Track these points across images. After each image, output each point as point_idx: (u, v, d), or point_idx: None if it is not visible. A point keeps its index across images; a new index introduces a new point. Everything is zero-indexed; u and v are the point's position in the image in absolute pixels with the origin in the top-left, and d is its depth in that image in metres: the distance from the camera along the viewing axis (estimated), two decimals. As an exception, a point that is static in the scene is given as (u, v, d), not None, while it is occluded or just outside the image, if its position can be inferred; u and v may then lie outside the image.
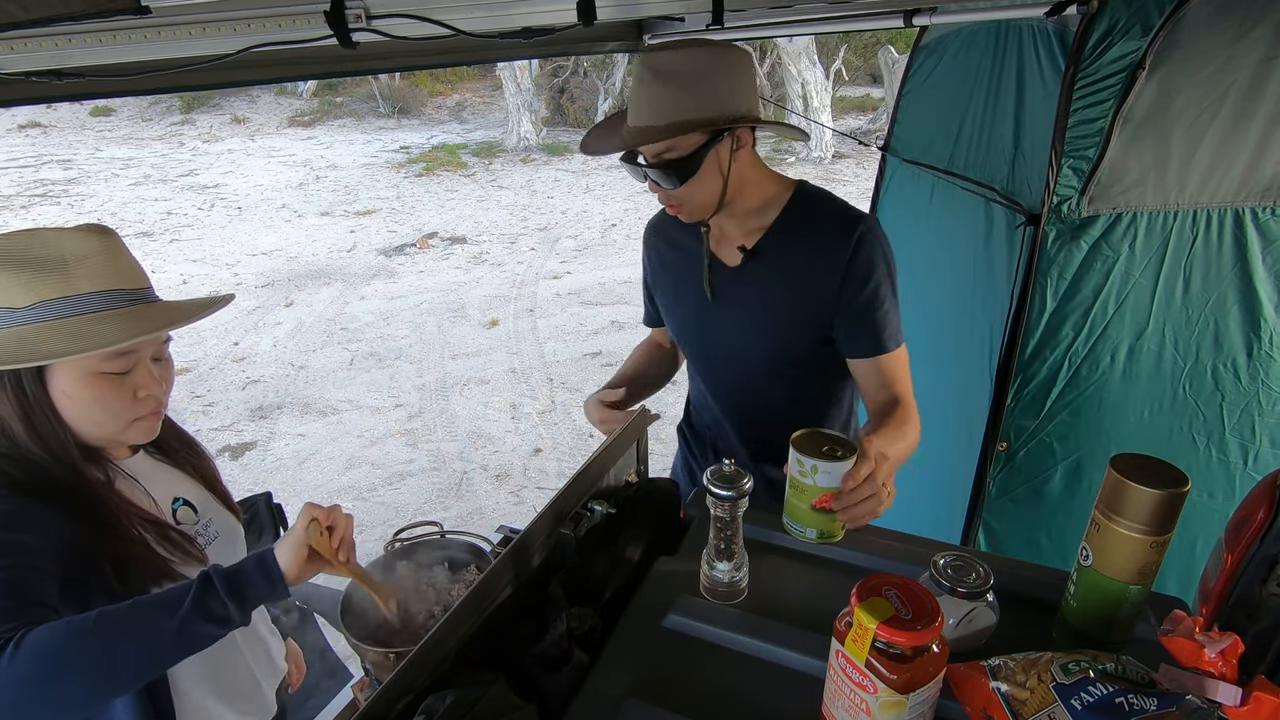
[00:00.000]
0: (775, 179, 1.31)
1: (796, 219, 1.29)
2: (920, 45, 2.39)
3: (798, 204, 1.29)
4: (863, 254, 1.22)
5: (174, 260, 7.36)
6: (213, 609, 0.87)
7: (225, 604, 0.88)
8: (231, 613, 0.89)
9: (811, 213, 1.29)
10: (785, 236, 1.28)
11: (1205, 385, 1.70)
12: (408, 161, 11.34)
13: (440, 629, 0.76)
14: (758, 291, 1.30)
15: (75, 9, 0.68)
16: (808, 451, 0.93)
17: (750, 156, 1.23)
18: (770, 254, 1.29)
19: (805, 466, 0.92)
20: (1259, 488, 0.83)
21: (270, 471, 3.92)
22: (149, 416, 1.02)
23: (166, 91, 1.62)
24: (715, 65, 1.14)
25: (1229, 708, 0.62)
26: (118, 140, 12.68)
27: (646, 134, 1.16)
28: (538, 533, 0.92)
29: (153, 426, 1.04)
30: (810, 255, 1.26)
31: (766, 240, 1.29)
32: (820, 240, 1.25)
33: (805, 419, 1.38)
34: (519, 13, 1.09)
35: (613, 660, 0.84)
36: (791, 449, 0.95)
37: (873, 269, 1.23)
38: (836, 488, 0.93)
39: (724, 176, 1.21)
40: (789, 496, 0.98)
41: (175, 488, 1.13)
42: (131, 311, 0.97)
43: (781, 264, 1.28)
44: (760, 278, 1.30)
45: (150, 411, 1.02)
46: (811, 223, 1.28)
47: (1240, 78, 1.47)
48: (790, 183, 1.32)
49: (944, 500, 2.06)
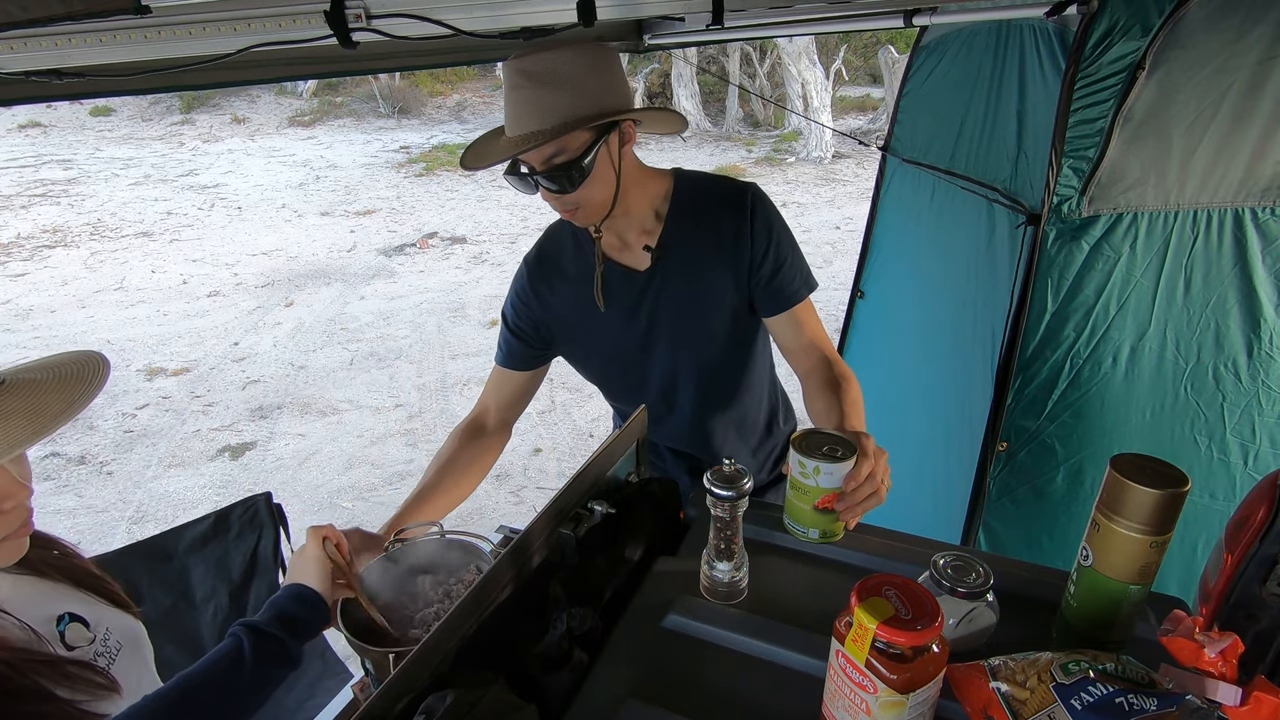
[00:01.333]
0: (655, 172, 1.33)
1: (688, 204, 1.31)
2: (920, 45, 2.39)
3: (683, 190, 1.32)
4: (759, 215, 1.27)
5: (174, 260, 7.36)
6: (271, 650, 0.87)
7: (282, 641, 0.89)
8: (291, 649, 0.89)
9: (700, 194, 1.32)
10: (684, 222, 1.30)
11: (1206, 386, 1.70)
12: (408, 161, 11.34)
13: (440, 629, 0.76)
14: (679, 282, 1.31)
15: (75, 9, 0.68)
16: (809, 453, 0.93)
17: (632, 153, 1.25)
18: (677, 244, 1.30)
19: (807, 468, 0.92)
20: (1259, 488, 0.83)
21: (270, 471, 3.92)
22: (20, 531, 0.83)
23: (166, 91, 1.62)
24: (587, 63, 1.14)
25: (1229, 708, 0.62)
26: (118, 140, 12.68)
27: (534, 139, 1.12)
28: (538, 533, 0.92)
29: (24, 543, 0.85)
30: (715, 232, 1.29)
31: (667, 232, 1.30)
32: (719, 215, 1.29)
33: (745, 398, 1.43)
34: (519, 13, 1.09)
35: (613, 660, 0.84)
36: (792, 450, 0.94)
37: (771, 225, 1.28)
38: (839, 488, 0.93)
39: (616, 172, 1.21)
40: (790, 498, 0.98)
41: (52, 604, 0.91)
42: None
43: (691, 250, 1.30)
44: (676, 269, 1.31)
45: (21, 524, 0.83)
46: (704, 203, 1.31)
47: (1240, 78, 1.47)
48: (667, 173, 1.35)
49: (944, 500, 2.06)
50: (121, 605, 1.02)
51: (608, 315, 1.35)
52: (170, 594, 1.60)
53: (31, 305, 6.28)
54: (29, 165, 10.94)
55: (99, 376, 0.85)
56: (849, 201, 9.17)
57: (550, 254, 1.39)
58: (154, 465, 4.02)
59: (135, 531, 3.47)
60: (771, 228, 1.28)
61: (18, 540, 0.84)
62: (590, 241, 1.32)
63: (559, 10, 1.06)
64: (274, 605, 0.95)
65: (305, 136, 13.11)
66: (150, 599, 1.56)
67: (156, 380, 4.98)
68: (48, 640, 0.87)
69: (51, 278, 6.90)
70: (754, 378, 1.43)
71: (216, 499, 3.63)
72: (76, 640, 0.91)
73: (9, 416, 0.76)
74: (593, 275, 1.33)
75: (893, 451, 1.16)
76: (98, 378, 0.84)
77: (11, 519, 0.82)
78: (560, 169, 1.15)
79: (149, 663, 1.03)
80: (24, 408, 0.78)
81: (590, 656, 0.84)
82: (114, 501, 3.72)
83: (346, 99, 14.70)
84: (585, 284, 1.34)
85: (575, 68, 1.12)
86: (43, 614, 0.89)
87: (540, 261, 1.40)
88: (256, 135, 13.14)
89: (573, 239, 1.37)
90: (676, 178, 1.34)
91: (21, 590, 0.89)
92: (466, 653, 0.79)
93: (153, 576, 1.58)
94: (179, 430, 4.37)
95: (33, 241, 7.87)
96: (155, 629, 1.51)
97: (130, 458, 4.10)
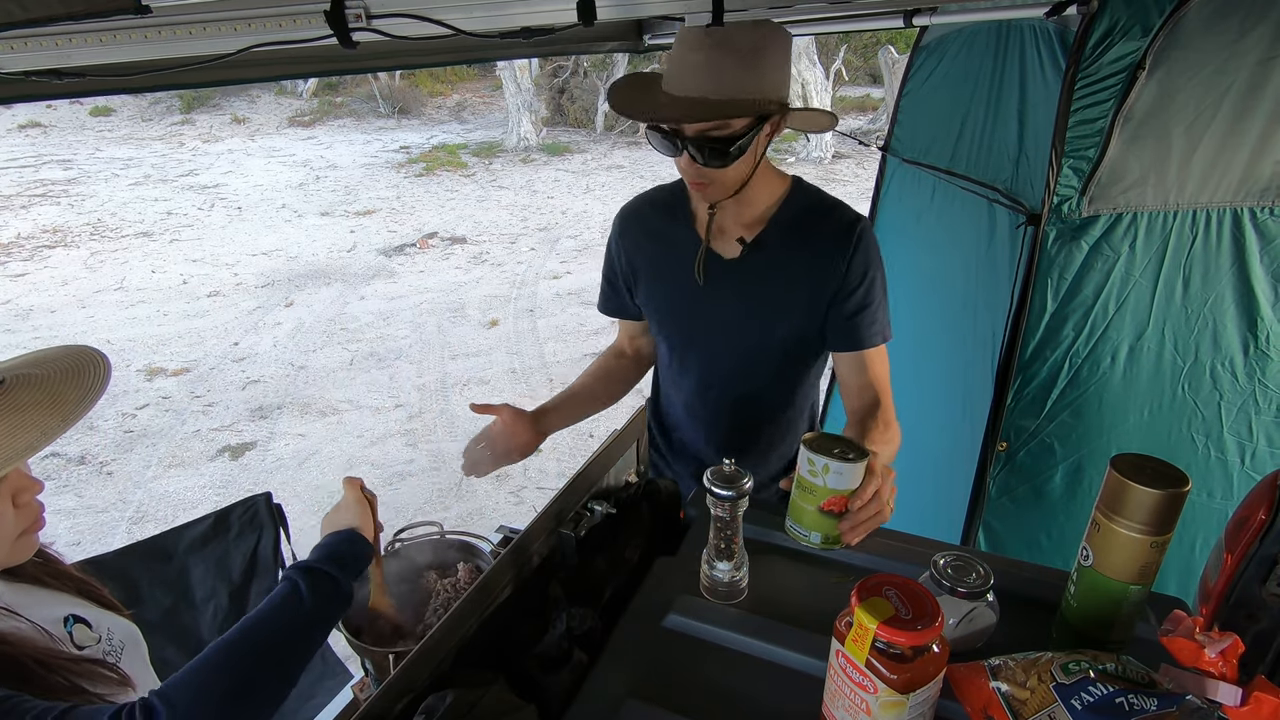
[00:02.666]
0: (776, 173, 1.32)
1: (798, 215, 1.29)
2: (920, 45, 2.39)
3: (796, 200, 1.30)
4: (861, 253, 1.25)
5: (174, 260, 7.36)
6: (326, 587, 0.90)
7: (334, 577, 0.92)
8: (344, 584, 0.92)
9: (811, 210, 1.29)
10: (787, 231, 1.28)
11: (1204, 385, 1.70)
12: (408, 161, 11.34)
13: (440, 629, 0.76)
14: (756, 283, 1.30)
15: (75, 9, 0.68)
16: (820, 450, 0.92)
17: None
18: (772, 249, 1.28)
19: (816, 466, 0.92)
20: (1259, 488, 0.83)
21: (270, 471, 3.92)
22: (33, 526, 0.86)
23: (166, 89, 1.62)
24: (773, 45, 1.11)
25: (1229, 708, 0.62)
26: (118, 140, 12.68)
27: (703, 107, 1.10)
28: (538, 533, 0.92)
29: (36, 539, 0.88)
30: (812, 253, 1.27)
31: (767, 234, 1.29)
32: (823, 237, 1.27)
33: (779, 415, 1.42)
34: (519, 12, 1.08)
35: (613, 660, 0.84)
36: (802, 448, 0.93)
37: (869, 266, 1.26)
38: (846, 490, 0.92)
39: (755, 161, 1.20)
40: (795, 498, 0.97)
41: (54, 608, 0.92)
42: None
43: (782, 259, 1.28)
44: (760, 270, 1.29)
45: (34, 520, 0.86)
46: (812, 220, 1.28)
47: (1239, 78, 1.47)
48: (786, 178, 1.33)
49: (944, 500, 2.06)
50: (112, 607, 1.02)
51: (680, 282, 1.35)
52: (170, 594, 1.60)
53: (31, 305, 6.28)
54: (29, 165, 10.94)
55: (102, 365, 0.87)
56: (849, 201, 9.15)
57: (646, 216, 1.41)
58: (154, 465, 4.02)
59: (135, 531, 3.47)
60: (868, 268, 1.26)
61: (32, 536, 0.86)
62: (686, 215, 1.34)
63: (559, 10, 1.06)
64: (319, 548, 0.98)
65: (305, 136, 13.11)
66: (150, 599, 1.56)
67: (156, 380, 4.98)
68: (60, 641, 0.88)
69: (51, 278, 6.89)
70: (796, 398, 1.41)
71: (216, 499, 3.63)
72: (85, 640, 0.92)
73: (28, 409, 0.78)
74: (681, 245, 1.33)
75: (893, 450, 1.15)
76: (101, 367, 0.87)
77: (28, 513, 0.84)
78: (715, 142, 1.12)
79: (147, 661, 1.03)
80: (42, 399, 0.80)
81: (590, 656, 0.84)
82: (114, 501, 3.72)
83: (346, 99, 14.70)
84: (673, 250, 1.35)
85: (761, 46, 1.09)
86: (50, 617, 0.90)
87: (636, 217, 1.42)
88: (256, 135, 13.14)
89: (668, 209, 1.37)
90: (794, 185, 1.32)
91: (22, 596, 0.89)
92: (466, 653, 0.79)
93: (153, 577, 1.58)
94: (179, 430, 4.37)
95: (33, 241, 7.87)
96: (155, 629, 1.52)
97: (130, 458, 4.10)
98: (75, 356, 0.89)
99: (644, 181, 10.31)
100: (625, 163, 11.47)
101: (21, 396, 0.80)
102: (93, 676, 0.87)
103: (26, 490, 0.84)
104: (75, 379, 0.84)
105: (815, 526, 0.95)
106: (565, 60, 13.13)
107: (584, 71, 13.64)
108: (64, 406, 0.80)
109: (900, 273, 2.65)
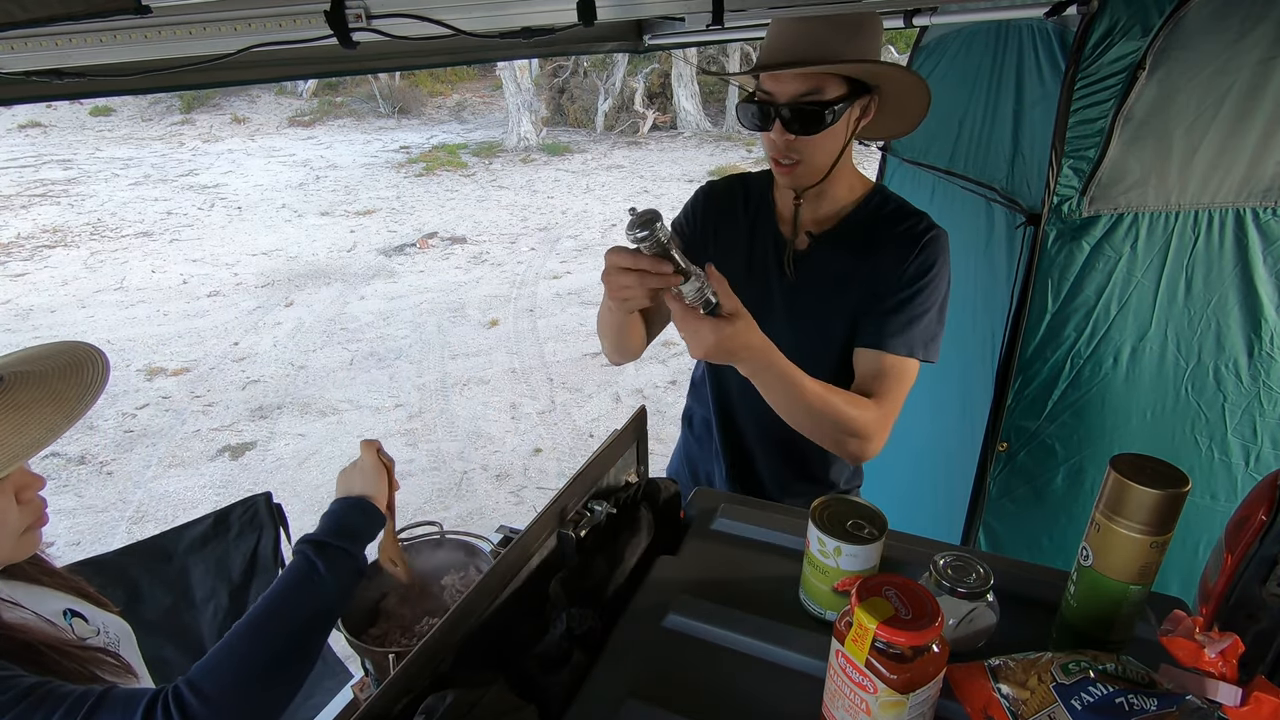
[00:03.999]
0: (860, 175, 1.30)
1: (873, 215, 1.26)
2: (920, 45, 2.39)
3: (874, 202, 1.27)
4: (927, 253, 1.20)
5: (174, 260, 7.36)
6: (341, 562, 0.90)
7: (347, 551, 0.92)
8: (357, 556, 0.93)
9: (889, 215, 1.25)
10: (857, 229, 1.25)
11: (1207, 386, 1.70)
12: (408, 161, 11.34)
13: (440, 629, 0.76)
14: (817, 280, 1.27)
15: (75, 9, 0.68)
16: (831, 531, 0.84)
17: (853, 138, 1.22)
18: (837, 249, 1.25)
19: (827, 548, 0.84)
20: (1259, 488, 0.83)
21: (270, 471, 3.92)
22: (37, 522, 0.88)
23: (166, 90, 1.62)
24: (870, 21, 1.13)
25: (1229, 708, 0.62)
26: (118, 140, 12.69)
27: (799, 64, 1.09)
28: (538, 533, 0.92)
29: (40, 535, 0.89)
30: (877, 253, 1.22)
31: (838, 229, 1.26)
32: (891, 239, 1.22)
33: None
34: (519, 13, 1.08)
35: (613, 660, 0.84)
36: (811, 525, 0.86)
37: (929, 269, 1.19)
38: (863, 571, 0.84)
39: (845, 142, 1.19)
40: (807, 573, 0.90)
41: (52, 603, 0.93)
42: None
43: (845, 263, 1.25)
44: (822, 266, 1.26)
45: (38, 516, 0.88)
46: (886, 221, 1.24)
47: (1240, 78, 1.47)
48: (869, 182, 1.31)
49: (944, 500, 2.06)
50: (101, 605, 1.03)
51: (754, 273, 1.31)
52: (170, 594, 1.60)
53: (31, 305, 6.28)
54: (29, 165, 10.94)
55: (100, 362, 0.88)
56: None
57: (735, 194, 1.37)
58: (154, 465, 4.02)
59: (135, 531, 3.47)
60: (926, 275, 1.19)
61: (35, 532, 0.88)
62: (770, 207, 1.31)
63: (559, 10, 1.06)
64: (331, 516, 0.98)
65: (305, 136, 13.11)
66: (150, 599, 1.56)
67: (156, 380, 4.98)
68: (65, 632, 0.90)
69: (51, 278, 6.90)
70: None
71: (216, 499, 3.63)
72: (84, 633, 0.93)
73: (30, 406, 0.79)
74: (754, 231, 1.31)
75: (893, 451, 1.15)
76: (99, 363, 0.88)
77: (32, 509, 0.86)
78: (809, 106, 1.12)
79: (139, 655, 1.04)
80: (42, 397, 0.81)
81: (590, 656, 0.84)
82: (114, 501, 3.72)
83: (346, 99, 14.70)
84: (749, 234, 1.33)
85: (859, 20, 1.11)
86: (49, 610, 0.91)
87: (726, 193, 1.38)
88: (256, 135, 13.14)
89: (745, 199, 1.35)
90: (877, 190, 1.29)
91: (20, 593, 0.90)
92: (466, 653, 0.79)
93: (152, 576, 1.58)
94: (179, 430, 4.37)
95: (33, 241, 7.87)
96: (155, 629, 1.52)
97: (130, 458, 4.10)
98: (71, 353, 0.89)
99: (644, 181, 10.31)
100: (625, 163, 11.46)
101: (21, 395, 0.81)
102: (101, 664, 0.89)
103: (29, 487, 0.85)
104: (74, 376, 0.85)
105: (832, 606, 0.88)
106: (565, 60, 13.14)
107: (584, 71, 13.64)
108: (65, 404, 0.81)
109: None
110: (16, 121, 13.03)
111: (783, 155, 1.18)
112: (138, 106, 14.08)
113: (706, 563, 1.00)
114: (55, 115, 13.40)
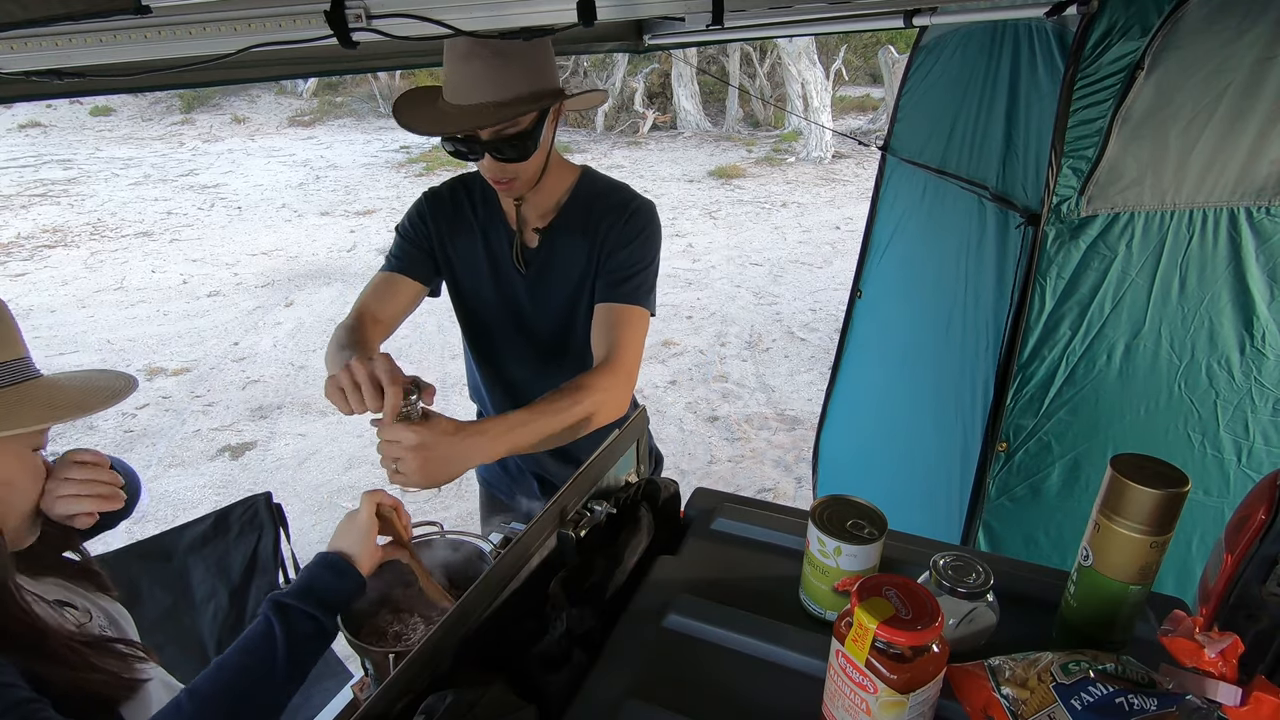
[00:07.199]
0: (567, 164, 1.40)
1: (585, 202, 1.38)
2: (920, 45, 2.39)
3: (584, 187, 1.39)
4: (637, 219, 1.34)
5: (174, 260, 7.36)
6: (304, 629, 0.88)
7: (314, 617, 0.89)
8: (325, 624, 0.90)
9: (598, 197, 1.39)
10: (576, 219, 1.37)
11: (1200, 383, 1.71)
12: (408, 161, 11.34)
13: (440, 629, 0.76)
14: (555, 268, 1.39)
15: (75, 9, 0.68)
16: (831, 531, 0.84)
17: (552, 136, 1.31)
18: (561, 236, 1.38)
19: (827, 548, 0.84)
20: (1259, 487, 0.83)
21: (270, 471, 3.92)
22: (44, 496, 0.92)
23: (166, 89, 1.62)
24: (538, 42, 1.20)
25: (1229, 708, 0.62)
26: (118, 140, 12.69)
27: (492, 110, 1.17)
28: (537, 533, 0.92)
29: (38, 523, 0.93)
30: (596, 224, 1.35)
31: (560, 221, 1.38)
32: (607, 209, 1.36)
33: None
34: (519, 13, 1.08)
35: (613, 660, 0.84)
36: (811, 524, 0.86)
37: (640, 231, 1.34)
38: (864, 570, 0.85)
39: (548, 149, 1.29)
40: (807, 574, 0.90)
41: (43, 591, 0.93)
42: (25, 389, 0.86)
43: (572, 247, 1.37)
44: (554, 261, 1.39)
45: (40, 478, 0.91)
46: (598, 206, 1.37)
47: (1237, 78, 1.47)
48: (576, 168, 1.41)
49: (944, 500, 2.06)
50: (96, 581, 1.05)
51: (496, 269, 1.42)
52: (170, 594, 1.60)
53: (31, 305, 6.28)
54: (29, 165, 10.94)
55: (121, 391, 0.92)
56: (849, 201, 9.18)
57: (460, 201, 1.45)
58: (154, 465, 4.01)
59: (135, 531, 3.47)
60: (640, 231, 1.33)
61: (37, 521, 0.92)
62: (496, 206, 1.41)
63: (559, 10, 1.06)
64: (306, 575, 0.97)
65: (305, 136, 13.11)
66: (150, 599, 1.56)
67: (156, 380, 4.98)
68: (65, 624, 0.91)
69: (51, 277, 6.90)
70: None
71: (216, 499, 3.63)
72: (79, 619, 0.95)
73: (22, 403, 0.84)
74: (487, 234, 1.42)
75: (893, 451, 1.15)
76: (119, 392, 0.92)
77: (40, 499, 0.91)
78: (512, 140, 1.21)
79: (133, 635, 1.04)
80: (41, 397, 0.86)
81: (590, 656, 0.84)
82: (114, 501, 3.72)
83: (346, 99, 14.70)
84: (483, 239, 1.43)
85: (529, 44, 1.18)
86: None
87: (451, 200, 1.45)
88: (256, 135, 13.14)
89: (472, 205, 1.43)
90: (583, 174, 1.41)
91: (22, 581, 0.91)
92: (466, 653, 0.79)
93: (152, 576, 1.58)
94: (179, 430, 4.37)
95: (33, 241, 7.87)
96: (155, 629, 1.51)
97: (130, 458, 4.08)
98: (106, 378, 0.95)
99: (644, 181, 10.31)
100: (625, 162, 11.46)
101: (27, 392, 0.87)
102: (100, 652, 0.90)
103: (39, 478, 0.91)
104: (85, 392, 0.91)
105: (832, 606, 0.88)
106: (565, 60, 13.13)
107: (584, 71, 13.64)
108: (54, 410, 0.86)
109: (899, 272, 2.66)
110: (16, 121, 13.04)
111: (499, 178, 1.28)
112: (138, 106, 14.08)
113: (706, 563, 1.00)
114: (55, 115, 13.40)
